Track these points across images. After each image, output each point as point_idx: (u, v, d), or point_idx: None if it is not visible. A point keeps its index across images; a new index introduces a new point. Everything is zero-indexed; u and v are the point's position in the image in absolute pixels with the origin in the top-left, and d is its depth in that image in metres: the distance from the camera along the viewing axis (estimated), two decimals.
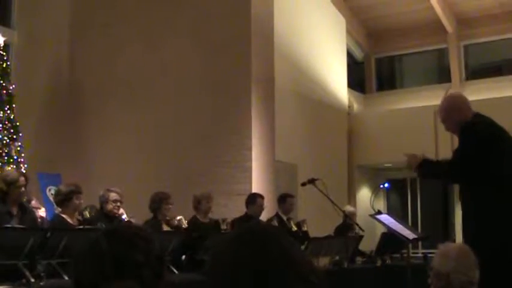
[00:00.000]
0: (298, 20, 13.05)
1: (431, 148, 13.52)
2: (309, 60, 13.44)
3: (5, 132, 9.70)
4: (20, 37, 12.03)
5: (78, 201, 6.03)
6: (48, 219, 6.72)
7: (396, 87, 16.62)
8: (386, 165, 14.81)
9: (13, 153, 9.68)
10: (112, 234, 1.61)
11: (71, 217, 5.94)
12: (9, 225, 5.16)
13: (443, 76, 15.65)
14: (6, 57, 10.23)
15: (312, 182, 7.00)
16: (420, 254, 11.30)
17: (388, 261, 8.47)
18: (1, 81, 9.86)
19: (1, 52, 10.02)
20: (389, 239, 7.85)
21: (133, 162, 11.60)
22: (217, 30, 11.43)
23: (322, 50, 13.96)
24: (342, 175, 14.16)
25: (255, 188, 10.35)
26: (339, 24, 14.85)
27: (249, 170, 10.90)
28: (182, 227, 6.89)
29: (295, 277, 1.35)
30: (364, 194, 14.84)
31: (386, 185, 10.63)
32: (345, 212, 7.67)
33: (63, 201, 5.94)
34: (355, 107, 15.60)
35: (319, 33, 13.91)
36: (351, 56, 15.97)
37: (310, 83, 13.46)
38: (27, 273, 4.58)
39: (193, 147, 11.25)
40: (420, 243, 13.12)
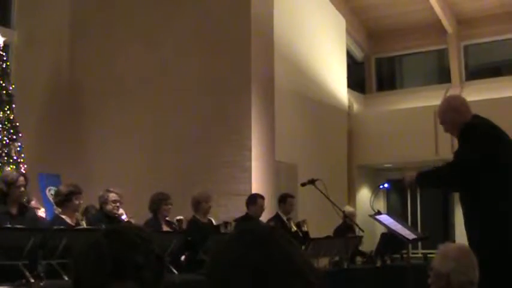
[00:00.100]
0: (298, 20, 13.05)
1: (431, 148, 13.55)
2: (309, 60, 13.44)
3: (4, 132, 9.70)
4: (20, 37, 12.04)
5: (77, 201, 6.03)
6: (48, 220, 6.72)
7: (396, 88, 16.62)
8: (386, 165, 14.82)
9: (13, 154, 9.68)
10: (112, 235, 1.60)
11: (70, 217, 5.95)
12: (9, 226, 5.16)
13: (443, 76, 15.65)
14: (6, 58, 10.22)
15: (312, 182, 7.00)
16: (420, 254, 11.31)
17: (388, 262, 8.47)
18: (1, 82, 9.86)
19: (1, 52, 10.02)
20: (389, 239, 7.85)
21: (133, 163, 11.59)
22: (217, 31, 11.43)
23: (322, 50, 13.96)
24: (341, 175, 14.16)
25: (255, 189, 10.35)
26: (339, 24, 14.85)
27: (249, 170, 10.89)
28: (181, 227, 6.90)
29: (295, 277, 1.35)
30: (364, 194, 14.84)
31: (386, 185, 10.58)
32: (344, 213, 7.67)
33: (63, 201, 5.94)
34: (355, 107, 15.60)
35: (319, 33, 13.91)
36: (351, 56, 15.97)
37: (310, 83, 13.46)
38: (27, 274, 4.58)
39: (193, 148, 11.25)
40: (420, 244, 13.12)
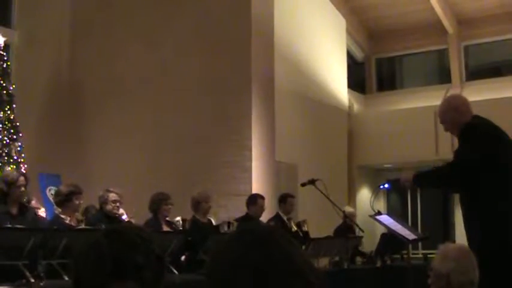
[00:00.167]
0: (298, 21, 13.05)
1: (431, 149, 13.55)
2: (309, 60, 13.44)
3: (5, 132, 9.70)
4: (20, 37, 12.04)
5: (78, 201, 6.04)
6: (48, 219, 6.72)
7: (396, 88, 16.61)
8: (387, 165, 14.82)
9: (13, 154, 9.68)
10: (112, 235, 1.60)
11: (70, 217, 5.95)
12: (10, 226, 5.16)
13: (443, 77, 15.65)
14: (7, 58, 10.23)
15: (312, 182, 7.00)
16: (420, 255, 11.30)
17: (388, 262, 8.47)
18: (1, 82, 9.87)
19: (1, 52, 10.03)
20: (390, 239, 7.85)
21: (133, 163, 11.59)
22: (217, 31, 11.43)
23: (322, 50, 13.96)
24: (342, 175, 14.16)
25: (255, 189, 10.35)
26: (339, 24, 14.85)
27: (249, 170, 10.90)
28: (184, 226, 6.91)
29: (295, 277, 1.35)
30: (364, 194, 14.84)
31: (387, 185, 10.59)
32: (344, 213, 7.67)
33: (63, 201, 5.94)
34: (355, 107, 15.60)
35: (320, 33, 13.91)
36: (351, 57, 15.97)
37: (311, 83, 13.46)
38: (28, 274, 4.58)
39: (193, 148, 11.25)
40: (420, 244, 13.12)
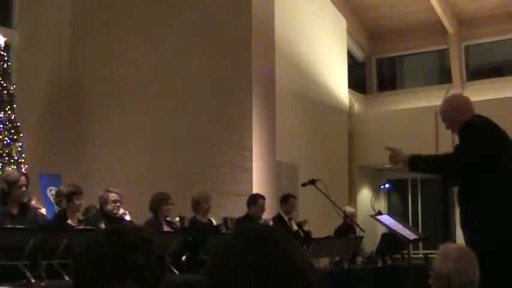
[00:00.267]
0: (298, 21, 13.05)
1: (432, 148, 13.53)
2: (309, 60, 13.44)
3: (5, 132, 9.71)
4: (21, 37, 12.05)
5: (78, 201, 6.04)
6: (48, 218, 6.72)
7: (397, 88, 16.61)
8: (387, 165, 14.72)
9: (14, 154, 9.69)
10: (113, 235, 1.60)
11: (71, 218, 5.95)
12: (10, 226, 5.16)
13: (444, 77, 15.64)
14: (7, 58, 10.24)
15: (313, 182, 7.00)
16: (421, 255, 11.30)
17: (388, 262, 8.47)
18: (2, 82, 9.87)
19: (2, 52, 10.04)
20: (390, 239, 7.85)
21: (134, 163, 11.59)
22: (217, 31, 11.43)
23: (322, 50, 13.96)
24: (342, 176, 14.15)
25: (256, 189, 10.35)
26: (339, 24, 14.85)
27: (250, 170, 10.90)
28: (183, 225, 6.91)
29: (295, 277, 1.35)
30: (364, 194, 14.83)
31: (387, 185, 10.62)
32: (345, 213, 7.67)
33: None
34: (356, 107, 15.60)
35: (320, 33, 13.91)
36: (351, 57, 15.97)
37: (311, 83, 13.46)
38: (28, 274, 4.59)
39: (194, 148, 11.25)
40: (421, 244, 13.12)
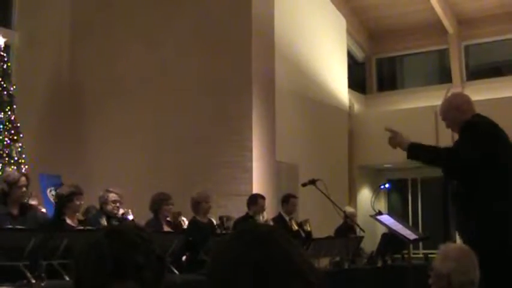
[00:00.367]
0: (298, 21, 13.05)
1: None
2: (309, 60, 13.44)
3: (5, 133, 9.70)
4: (21, 38, 12.04)
5: (78, 202, 6.04)
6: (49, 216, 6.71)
7: (397, 88, 16.61)
8: (387, 165, 14.81)
9: (14, 154, 9.69)
10: (113, 235, 1.61)
11: (71, 218, 5.95)
12: (10, 227, 5.16)
13: (444, 77, 15.64)
14: (7, 58, 10.24)
15: (313, 182, 7.00)
16: (421, 255, 11.30)
17: (389, 262, 8.46)
18: (2, 82, 9.87)
19: (2, 53, 10.04)
20: (390, 239, 7.85)
21: (134, 163, 11.60)
22: (217, 31, 11.43)
23: (322, 50, 13.96)
24: (342, 176, 14.15)
25: (256, 189, 10.35)
26: (339, 24, 14.85)
27: (250, 170, 10.90)
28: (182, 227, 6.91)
29: (295, 277, 1.35)
30: (364, 194, 14.83)
31: (387, 185, 10.63)
32: (345, 213, 7.67)
33: (64, 202, 5.94)
34: (356, 107, 15.60)
35: (320, 33, 13.91)
36: (351, 57, 15.97)
37: (311, 83, 13.46)
38: (28, 274, 4.59)
39: (194, 148, 11.25)
40: (421, 244, 13.12)
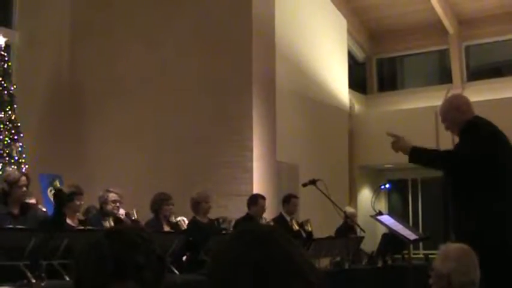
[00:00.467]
0: (299, 21, 13.05)
1: None
2: (310, 60, 13.44)
3: (6, 132, 9.70)
4: (21, 38, 12.05)
5: (79, 202, 6.05)
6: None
7: (397, 88, 16.61)
8: (388, 166, 14.81)
9: (14, 154, 9.69)
10: (113, 235, 1.61)
11: (71, 218, 5.96)
12: (11, 226, 5.16)
13: (444, 77, 15.64)
14: (7, 58, 10.24)
15: (313, 182, 7.00)
16: (421, 255, 11.30)
17: (389, 262, 8.47)
18: (2, 82, 9.87)
19: (2, 53, 10.04)
20: (391, 239, 7.85)
21: (134, 163, 11.60)
22: (218, 31, 11.43)
23: (323, 50, 13.96)
24: (343, 176, 14.15)
25: (256, 189, 10.35)
26: (340, 24, 14.85)
27: (250, 170, 10.90)
28: (181, 228, 6.91)
29: (295, 277, 1.35)
30: (365, 194, 14.83)
31: (388, 185, 10.64)
32: (345, 213, 7.67)
33: (68, 196, 5.94)
34: (356, 107, 15.60)
35: (321, 33, 13.91)
36: (352, 57, 15.97)
37: (311, 83, 13.46)
38: (29, 274, 4.59)
39: (194, 148, 11.25)
40: (421, 244, 13.12)
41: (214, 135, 11.13)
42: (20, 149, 9.82)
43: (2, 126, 9.68)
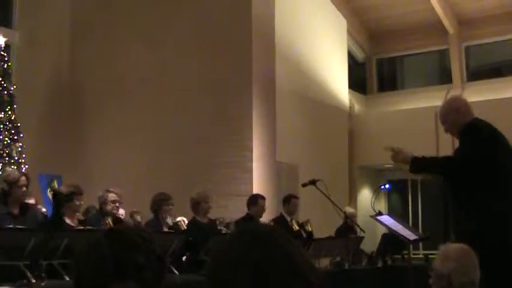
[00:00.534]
0: (299, 21, 13.05)
1: (432, 149, 13.52)
2: (309, 60, 13.44)
3: (6, 133, 9.71)
4: (21, 38, 12.05)
5: (78, 202, 6.04)
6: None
7: (397, 88, 16.60)
8: (387, 166, 14.78)
9: (14, 154, 9.69)
10: (113, 235, 1.61)
11: (71, 218, 5.95)
12: (11, 226, 5.16)
13: (444, 77, 15.64)
14: (7, 58, 10.24)
15: (313, 183, 6.99)
16: (421, 255, 11.30)
17: (389, 262, 8.46)
18: (2, 82, 9.88)
19: (2, 53, 10.04)
20: (390, 239, 7.85)
21: (134, 163, 11.60)
22: (218, 31, 11.43)
23: (323, 50, 13.96)
24: (342, 176, 14.15)
25: (256, 189, 10.35)
26: (339, 25, 14.85)
27: (250, 170, 10.90)
28: (181, 228, 6.91)
29: (296, 277, 1.35)
30: (365, 194, 14.83)
31: (387, 186, 10.61)
32: (345, 213, 7.67)
33: (64, 202, 5.94)
34: (356, 107, 15.60)
35: (320, 34, 13.91)
36: (352, 57, 15.97)
37: (311, 83, 13.46)
38: (29, 274, 4.59)
39: (194, 148, 11.25)
40: (421, 244, 13.12)
41: (214, 135, 11.13)
42: (20, 149, 9.82)
43: (1, 127, 9.68)
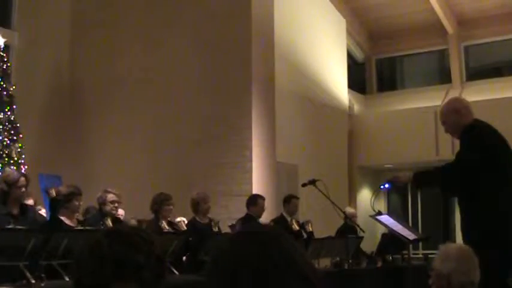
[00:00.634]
0: (298, 21, 13.06)
1: (432, 149, 13.55)
2: (309, 60, 13.45)
3: (5, 133, 9.70)
4: (21, 38, 12.04)
5: (77, 202, 6.04)
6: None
7: (397, 88, 16.62)
8: (387, 166, 14.81)
9: (13, 155, 9.67)
10: (113, 235, 1.61)
11: (70, 218, 5.95)
12: (11, 227, 5.16)
13: (443, 77, 15.65)
14: (7, 58, 10.22)
15: (313, 183, 6.99)
16: (421, 255, 11.31)
17: (389, 262, 8.47)
18: (2, 82, 9.86)
19: (2, 53, 10.03)
20: (390, 239, 7.86)
21: (134, 163, 11.60)
22: (217, 31, 11.43)
23: (322, 50, 13.96)
24: (342, 176, 14.16)
25: (256, 189, 10.35)
26: (339, 25, 14.85)
27: (250, 171, 10.89)
28: (180, 228, 6.91)
29: (296, 277, 1.35)
30: (364, 194, 14.83)
31: (387, 185, 10.61)
32: (345, 213, 7.67)
33: (63, 202, 5.94)
34: (356, 107, 15.61)
35: (320, 34, 13.91)
36: (351, 57, 15.97)
37: (311, 83, 13.47)
38: (28, 274, 4.59)
39: (194, 148, 11.25)
40: (421, 244, 13.12)
41: (214, 135, 11.13)
42: (20, 149, 9.82)
43: (1, 127, 9.68)
